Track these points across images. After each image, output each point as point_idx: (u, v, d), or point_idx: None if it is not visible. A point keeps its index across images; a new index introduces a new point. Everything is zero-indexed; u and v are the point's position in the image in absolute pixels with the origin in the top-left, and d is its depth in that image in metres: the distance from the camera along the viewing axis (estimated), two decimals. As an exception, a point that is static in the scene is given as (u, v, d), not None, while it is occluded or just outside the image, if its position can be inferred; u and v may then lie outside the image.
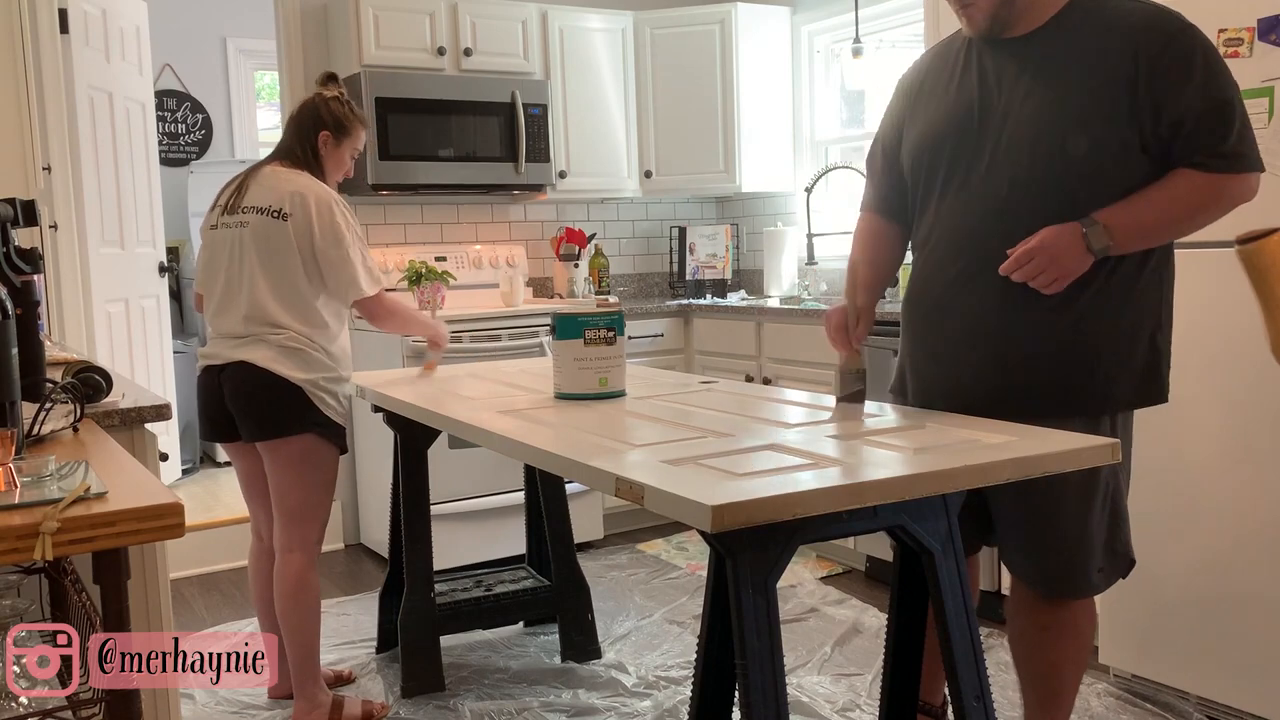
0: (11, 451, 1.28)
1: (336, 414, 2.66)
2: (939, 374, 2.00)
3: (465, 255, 4.58)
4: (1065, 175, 1.81)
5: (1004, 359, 1.90)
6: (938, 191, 1.96)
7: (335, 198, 2.65)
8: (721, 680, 1.85)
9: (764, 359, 4.12)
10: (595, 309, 2.29)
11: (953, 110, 1.94)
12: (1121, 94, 1.77)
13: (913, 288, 2.05)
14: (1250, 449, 2.46)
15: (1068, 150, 1.79)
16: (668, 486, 1.45)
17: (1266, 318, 2.00)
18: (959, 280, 1.93)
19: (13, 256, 1.80)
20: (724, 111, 4.64)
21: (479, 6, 4.27)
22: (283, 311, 2.58)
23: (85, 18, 4.32)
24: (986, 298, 1.89)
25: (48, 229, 4.06)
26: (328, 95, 2.75)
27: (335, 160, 2.76)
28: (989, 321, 1.90)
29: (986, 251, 1.86)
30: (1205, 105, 1.76)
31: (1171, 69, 1.75)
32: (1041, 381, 1.88)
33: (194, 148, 6.48)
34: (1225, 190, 1.82)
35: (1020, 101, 1.85)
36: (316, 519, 2.69)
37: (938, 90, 1.99)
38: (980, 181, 1.89)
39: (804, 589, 3.64)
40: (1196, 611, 2.59)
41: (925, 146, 1.98)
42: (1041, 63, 1.85)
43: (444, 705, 2.83)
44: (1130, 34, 1.78)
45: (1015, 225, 1.83)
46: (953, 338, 1.96)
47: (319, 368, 2.61)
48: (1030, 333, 1.87)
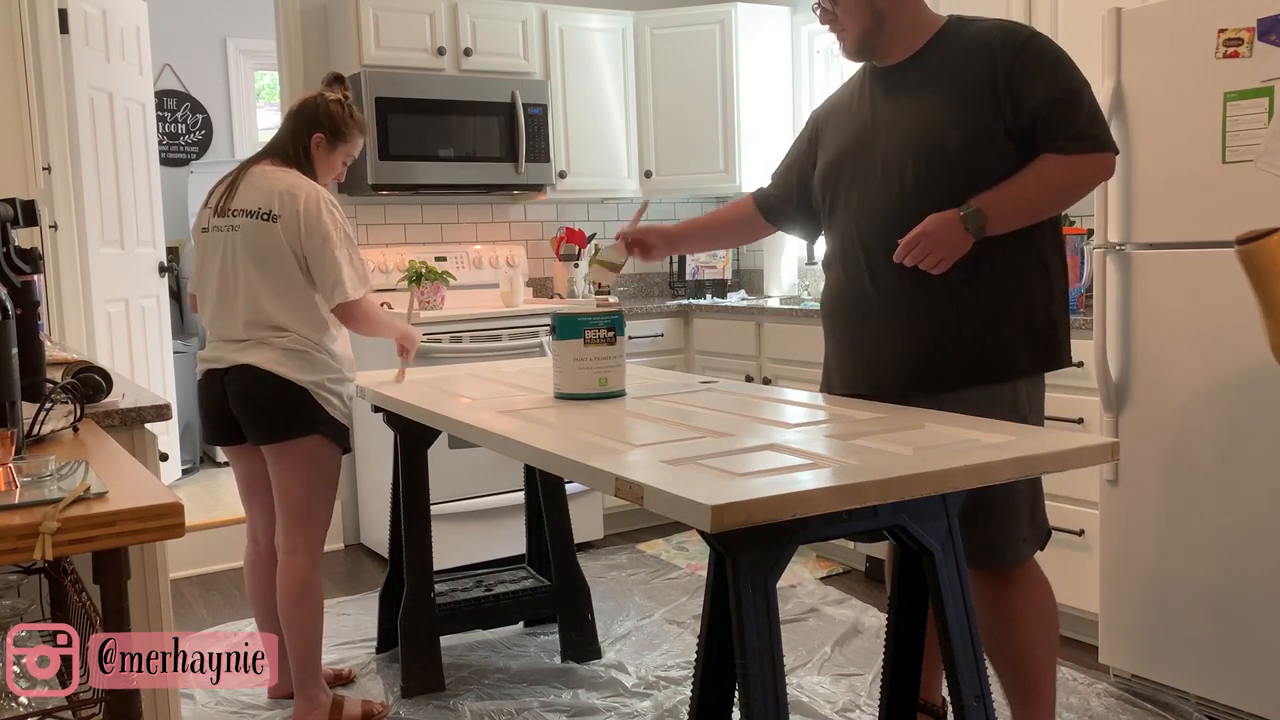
0: (11, 451, 1.28)
1: (341, 414, 2.65)
2: (859, 362, 2.20)
3: (465, 255, 4.58)
4: (945, 170, 2.03)
5: (915, 339, 2.10)
6: (841, 205, 2.20)
7: (324, 196, 2.59)
8: (721, 680, 1.85)
9: (764, 359, 4.13)
10: (595, 309, 2.29)
11: (849, 133, 2.21)
12: (985, 95, 2.01)
13: (828, 294, 2.29)
14: (1250, 449, 2.46)
15: (944, 147, 2.03)
16: (667, 486, 1.45)
17: (1266, 318, 2.00)
18: (864, 275, 2.14)
19: (13, 256, 1.80)
20: (724, 111, 4.64)
21: (479, 6, 4.27)
22: (284, 314, 2.56)
23: (85, 18, 4.32)
24: (890, 286, 2.10)
25: (48, 229, 4.06)
26: (330, 97, 2.71)
27: (326, 164, 2.72)
28: (898, 307, 2.10)
29: (886, 247, 2.07)
30: (1055, 95, 1.99)
31: (1024, 69, 2.00)
32: (950, 355, 2.08)
33: (194, 148, 6.48)
34: (1082, 169, 2.03)
35: (900, 115, 2.11)
36: (320, 520, 2.68)
37: (840, 119, 2.27)
38: (875, 189, 2.12)
39: (804, 589, 3.64)
40: (1196, 611, 2.59)
41: (830, 169, 2.24)
42: (916, 81, 2.12)
43: (444, 705, 2.83)
44: (989, 45, 2.04)
45: (909, 220, 2.03)
46: (868, 327, 2.16)
47: (323, 369, 2.59)
48: (935, 313, 2.07)
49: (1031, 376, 2.12)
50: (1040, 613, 2.14)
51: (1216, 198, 2.48)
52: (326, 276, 2.55)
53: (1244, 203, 2.41)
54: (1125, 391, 2.71)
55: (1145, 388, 2.66)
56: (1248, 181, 2.41)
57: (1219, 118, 2.45)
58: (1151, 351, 2.64)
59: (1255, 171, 2.39)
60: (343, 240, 2.57)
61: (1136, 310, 2.67)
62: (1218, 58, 2.44)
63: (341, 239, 2.57)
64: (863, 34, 2.15)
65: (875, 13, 2.12)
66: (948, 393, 2.06)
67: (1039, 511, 2.14)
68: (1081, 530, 2.94)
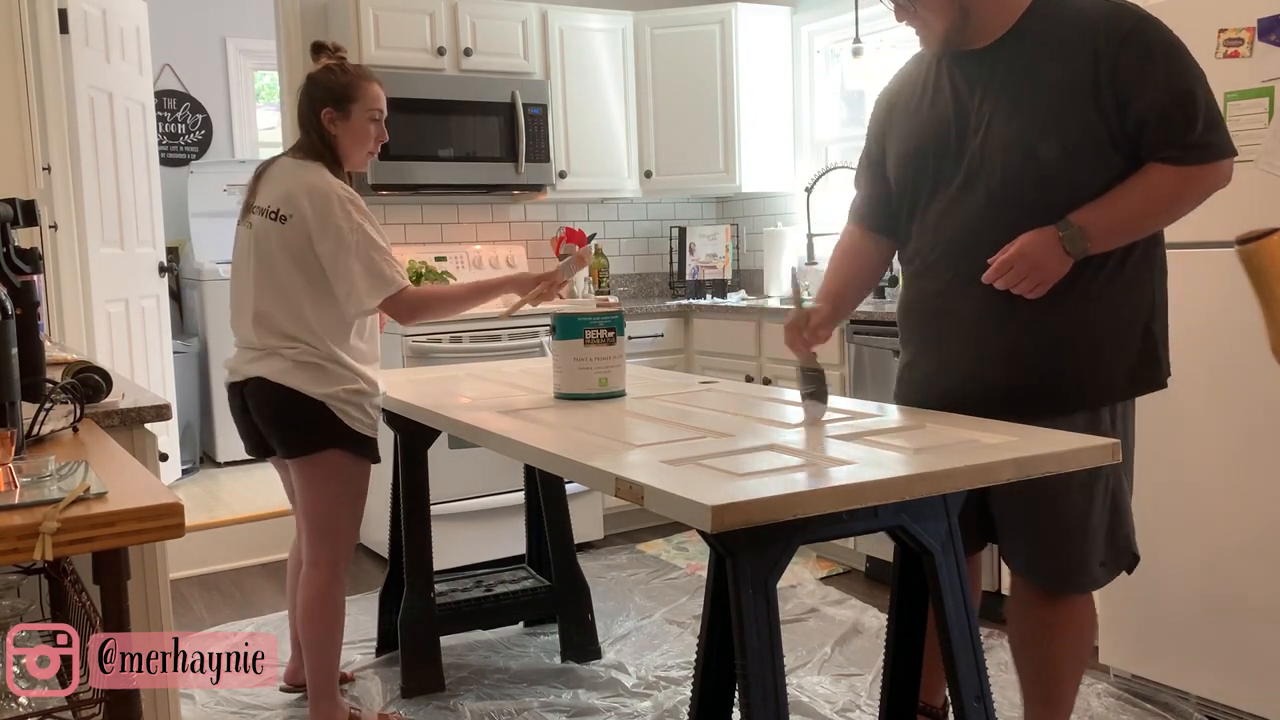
0: (11, 451, 1.28)
1: (364, 426, 2.49)
2: (937, 380, 2.03)
3: (465, 255, 4.58)
4: (1040, 180, 1.84)
5: (999, 361, 1.93)
6: (922, 204, 2.01)
7: (337, 193, 2.39)
8: (721, 680, 1.85)
9: (764, 359, 4.12)
10: (595, 309, 2.29)
11: (929, 125, 1.99)
12: (1086, 95, 1.80)
13: (905, 299, 2.11)
14: (1250, 449, 2.46)
15: (1039, 156, 1.83)
16: (668, 487, 1.45)
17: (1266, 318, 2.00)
18: (949, 290, 1.97)
19: (13, 256, 1.80)
20: (724, 112, 4.64)
21: (479, 6, 4.27)
22: (289, 323, 2.42)
23: (85, 18, 4.32)
24: (977, 304, 1.92)
25: (48, 229, 4.06)
26: (316, 70, 2.49)
27: (351, 134, 2.48)
28: (983, 326, 1.93)
29: (972, 260, 1.90)
30: (1168, 98, 1.78)
31: (1131, 65, 1.78)
32: (1039, 380, 1.91)
33: (194, 148, 6.48)
34: (1197, 180, 1.84)
35: (990, 113, 1.89)
36: (343, 535, 2.56)
37: (913, 105, 2.04)
38: (960, 193, 1.93)
39: (804, 589, 3.64)
40: (1196, 611, 2.59)
41: (907, 161, 2.03)
42: (1006, 73, 1.89)
43: (444, 705, 2.83)
44: (1089, 33, 1.81)
45: (997, 233, 1.86)
46: (948, 344, 2.00)
47: (337, 380, 2.43)
48: (1023, 333, 1.90)
49: (1129, 399, 1.98)
50: (1081, 629, 2.07)
51: (1217, 198, 2.47)
52: (339, 286, 2.39)
53: (1244, 203, 2.41)
54: (1125, 391, 2.70)
55: (1145, 388, 2.66)
56: (1248, 181, 2.40)
57: (1219, 118, 2.45)
58: (1151, 351, 2.64)
59: (1255, 171, 2.39)
60: (357, 241, 2.37)
61: (1136, 310, 2.67)
62: (1218, 58, 2.44)
63: (356, 240, 2.37)
64: (948, 29, 1.92)
65: (961, 6, 1.89)
66: (1042, 419, 1.85)
67: (1122, 534, 1.99)
68: (1081, 530, 2.93)
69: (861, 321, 3.63)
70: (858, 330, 3.64)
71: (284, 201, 2.41)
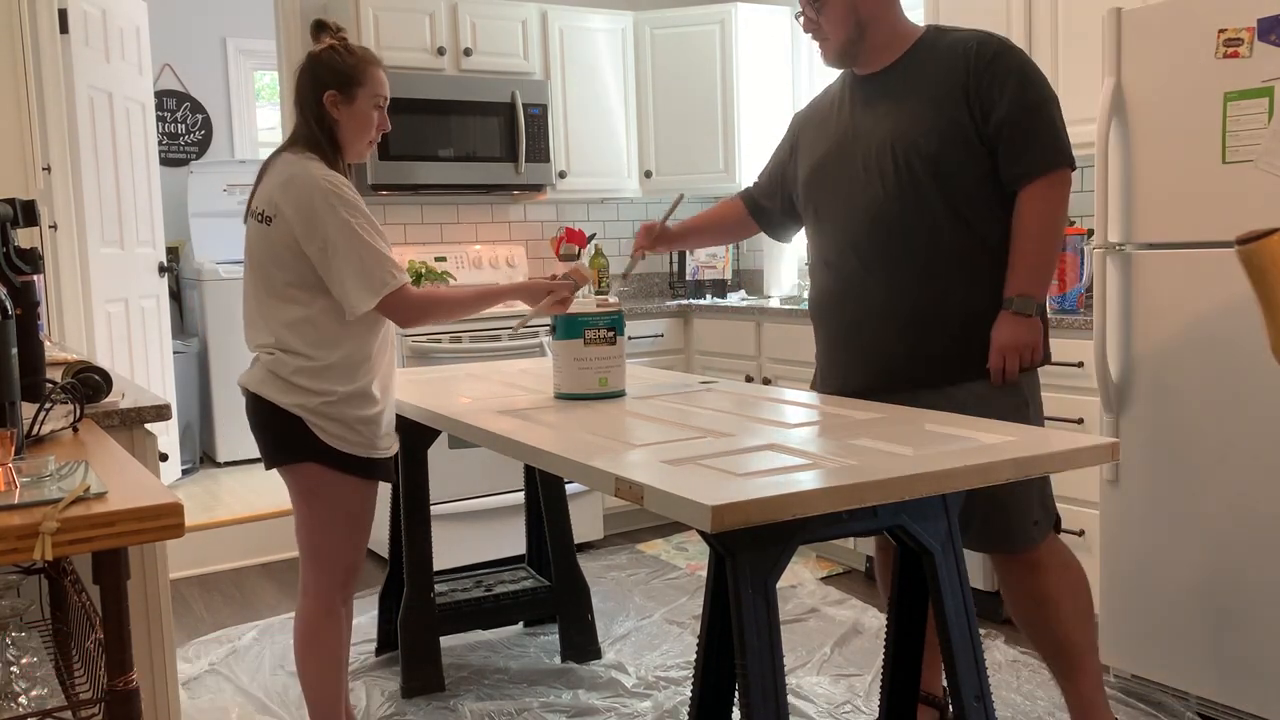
0: (11, 451, 1.28)
1: (345, 442, 2.22)
2: (855, 359, 2.28)
3: (465, 255, 4.58)
4: (923, 171, 2.14)
5: (913, 335, 2.19)
6: (827, 209, 2.30)
7: (320, 186, 2.16)
8: (721, 680, 1.85)
9: (764, 359, 4.13)
10: (595, 309, 2.29)
11: (831, 138, 2.30)
12: (959, 100, 2.13)
13: (817, 295, 2.37)
14: (1250, 449, 2.46)
15: (921, 149, 2.14)
16: (667, 486, 1.45)
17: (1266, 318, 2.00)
18: (855, 277, 2.24)
19: (13, 256, 1.80)
20: (724, 111, 4.65)
21: (479, 6, 4.27)
22: (267, 329, 2.24)
23: (85, 18, 4.33)
24: (882, 286, 2.20)
25: (48, 229, 4.06)
26: (319, 49, 2.27)
27: (353, 120, 2.26)
28: (895, 304, 2.19)
29: (874, 247, 2.20)
30: (1020, 109, 2.11)
31: (992, 81, 2.12)
32: (949, 350, 2.18)
33: (194, 148, 6.48)
34: (1055, 193, 2.15)
35: (879, 121, 2.21)
36: (333, 560, 2.29)
37: (820, 127, 2.36)
38: (859, 192, 2.22)
39: (804, 589, 3.64)
40: (1196, 611, 2.59)
41: (814, 173, 2.33)
42: (895, 88, 2.22)
43: (444, 705, 2.83)
44: (964, 54, 2.15)
45: (894, 220, 2.18)
46: (864, 325, 2.25)
47: (309, 393, 2.19)
48: (927, 310, 2.18)
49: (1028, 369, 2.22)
50: (1075, 593, 2.24)
51: (1216, 198, 2.48)
52: (334, 289, 2.18)
53: (1244, 203, 2.41)
54: (1125, 391, 2.70)
55: (1145, 388, 2.66)
56: (1248, 181, 2.41)
57: (1219, 118, 2.45)
58: (1151, 351, 2.64)
59: (1255, 171, 2.39)
60: (347, 239, 2.14)
61: (1136, 310, 2.67)
62: (1218, 58, 2.44)
63: (345, 238, 2.14)
64: (844, 44, 2.24)
65: (858, 23, 2.22)
66: (950, 387, 2.17)
67: (1048, 494, 2.25)
68: (1081, 530, 2.94)
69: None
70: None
71: (268, 202, 2.21)
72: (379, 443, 2.29)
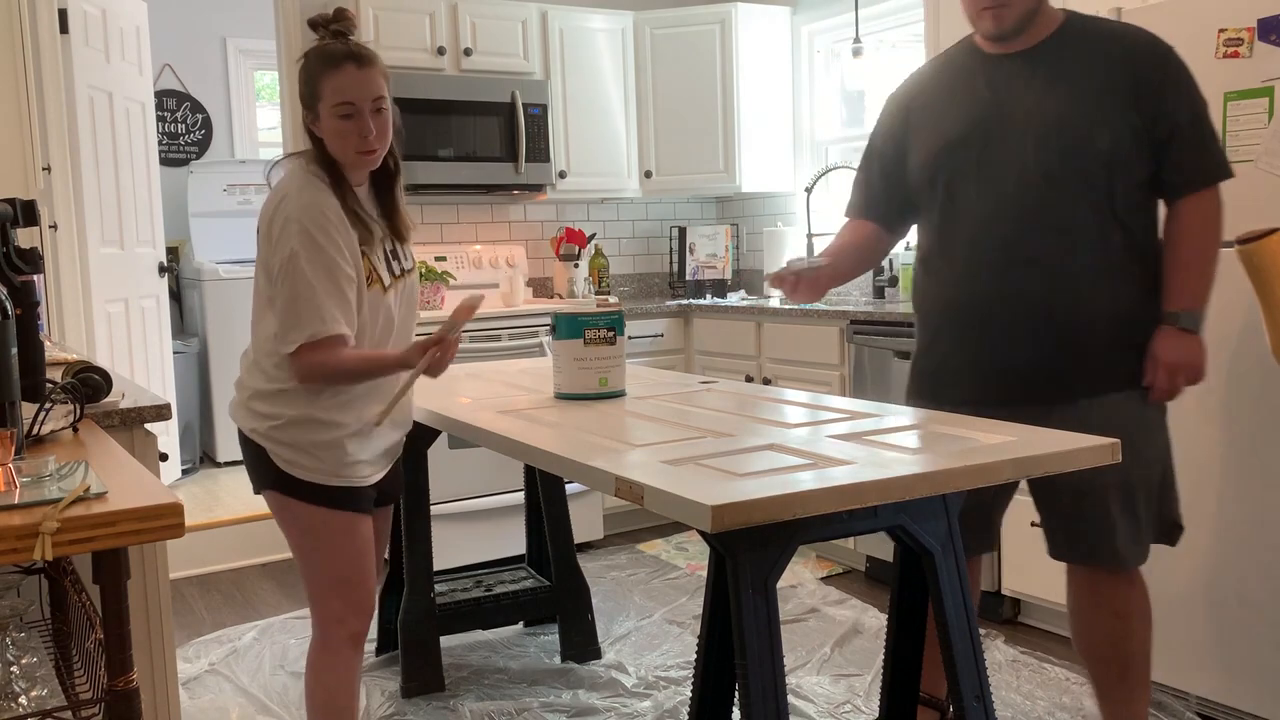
0: (11, 451, 1.28)
1: (303, 469, 2.05)
2: (979, 365, 2.11)
3: (465, 255, 4.58)
4: (1089, 165, 2.00)
5: (1051, 342, 2.04)
6: (966, 194, 2.10)
7: (285, 209, 1.99)
8: (721, 680, 1.85)
9: (764, 359, 4.12)
10: (595, 309, 2.29)
11: (968, 117, 2.10)
12: (1128, 97, 2.00)
13: (943, 291, 2.17)
14: (1250, 449, 2.46)
15: (1093, 141, 1.99)
16: (668, 486, 1.45)
17: (1266, 318, 2.00)
18: (997, 272, 2.06)
19: (13, 256, 1.80)
20: (724, 111, 4.64)
21: (479, 6, 4.27)
22: (254, 341, 2.13)
23: (85, 18, 4.33)
24: (1035, 285, 2.03)
25: (48, 229, 4.06)
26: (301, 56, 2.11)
27: (329, 138, 2.05)
28: (1042, 307, 2.03)
29: (1028, 240, 2.03)
30: (1189, 118, 2.02)
31: (1167, 82, 2.01)
32: (1092, 358, 2.04)
33: (194, 148, 6.48)
34: (1217, 201, 2.04)
35: (1039, 102, 2.03)
36: (320, 593, 2.13)
37: (943, 102, 2.16)
38: (1011, 178, 2.04)
39: (804, 589, 3.64)
40: (1196, 611, 2.59)
41: (940, 157, 2.13)
42: (1051, 70, 2.05)
43: (444, 705, 2.83)
44: (1131, 50, 2.03)
45: (1048, 215, 2.01)
46: (995, 326, 2.08)
47: (260, 416, 2.06)
48: (1081, 315, 2.03)
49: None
50: (1146, 613, 2.16)
51: (1216, 198, 2.48)
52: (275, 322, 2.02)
53: (1244, 203, 2.41)
54: (1125, 391, 2.70)
55: (1145, 388, 2.66)
56: (1248, 181, 2.40)
57: (1219, 118, 2.45)
58: (1151, 351, 2.64)
59: (1255, 171, 2.39)
60: (290, 270, 1.96)
61: (1136, 310, 2.67)
62: (1218, 58, 2.44)
63: (289, 268, 1.96)
64: (1026, 12, 2.06)
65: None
66: (1086, 400, 2.04)
67: (1167, 504, 2.14)
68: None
69: (861, 321, 3.63)
70: (858, 330, 3.64)
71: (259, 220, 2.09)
72: (347, 470, 2.07)
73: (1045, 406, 2.03)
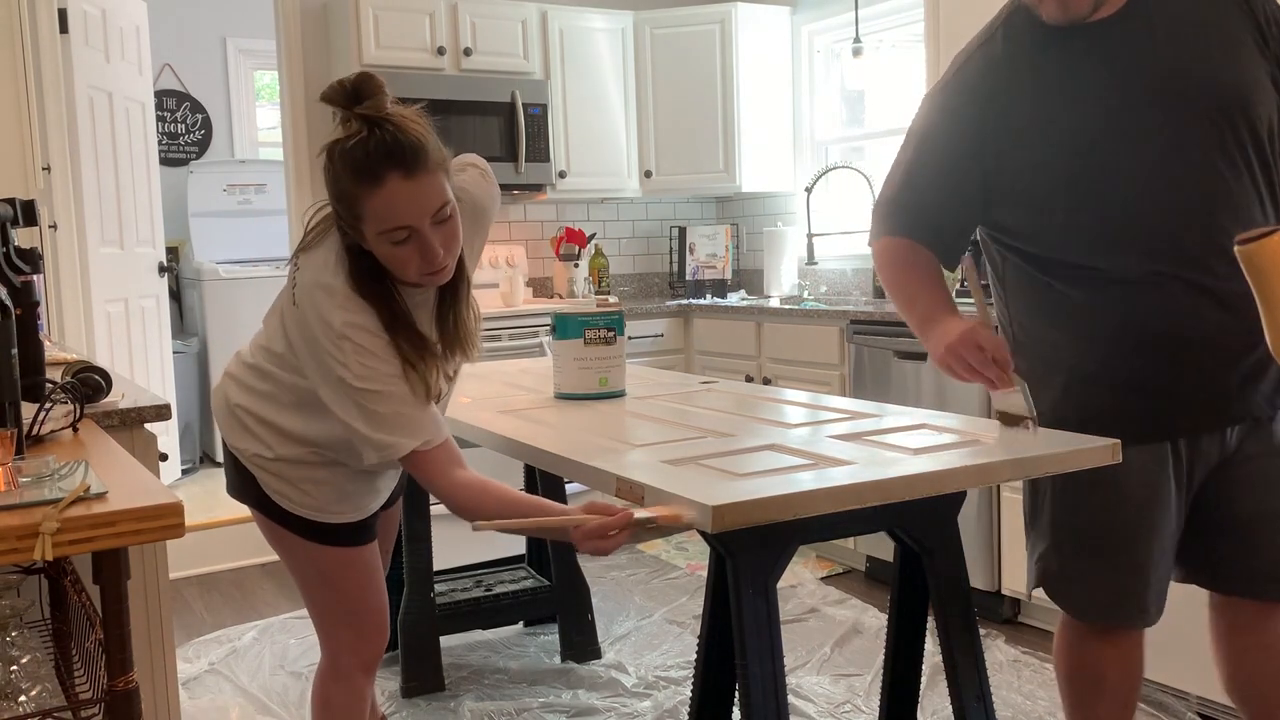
0: (11, 451, 1.28)
1: (289, 501, 1.84)
2: (1195, 394, 1.73)
3: (465, 255, 4.58)
4: (1253, 135, 1.68)
5: (1250, 358, 1.70)
6: (1115, 188, 1.69)
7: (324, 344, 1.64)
8: (721, 680, 1.85)
9: (764, 359, 4.12)
10: (595, 309, 2.29)
11: (1077, 105, 1.70)
12: (1257, 47, 1.69)
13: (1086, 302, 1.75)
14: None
15: (1256, 105, 1.67)
16: (668, 487, 1.45)
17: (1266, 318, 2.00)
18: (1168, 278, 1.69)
19: (13, 256, 1.80)
20: (724, 111, 4.64)
21: (479, 6, 4.27)
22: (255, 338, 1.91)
23: (85, 18, 4.33)
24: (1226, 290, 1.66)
25: (48, 229, 4.06)
26: (328, 143, 1.61)
27: (380, 257, 1.64)
28: (1234, 319, 1.67)
29: (1211, 239, 1.65)
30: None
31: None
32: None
33: (194, 148, 6.48)
34: None
35: (1190, 64, 1.67)
36: (326, 625, 1.94)
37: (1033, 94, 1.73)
38: (1177, 162, 1.66)
39: (804, 589, 3.64)
40: (1196, 612, 2.59)
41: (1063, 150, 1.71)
42: (1169, 29, 1.69)
43: (444, 705, 2.83)
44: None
45: (1235, 204, 1.67)
46: (1207, 348, 1.71)
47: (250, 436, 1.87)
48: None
49: None
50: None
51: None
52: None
53: None
54: (1125, 391, 2.70)
55: (1145, 388, 2.65)
56: None
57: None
58: (1151, 351, 2.63)
59: None
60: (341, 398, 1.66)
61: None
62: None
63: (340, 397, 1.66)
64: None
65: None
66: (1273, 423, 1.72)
67: None
68: (1081, 530, 2.93)
69: (862, 321, 3.63)
70: (858, 330, 3.64)
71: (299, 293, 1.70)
72: (333, 507, 1.85)
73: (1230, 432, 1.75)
